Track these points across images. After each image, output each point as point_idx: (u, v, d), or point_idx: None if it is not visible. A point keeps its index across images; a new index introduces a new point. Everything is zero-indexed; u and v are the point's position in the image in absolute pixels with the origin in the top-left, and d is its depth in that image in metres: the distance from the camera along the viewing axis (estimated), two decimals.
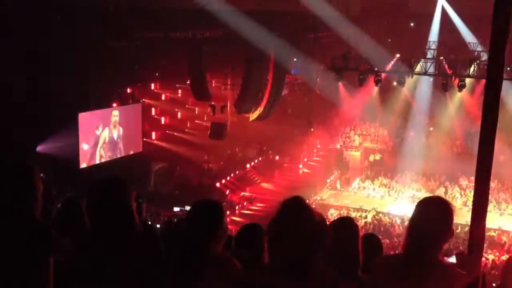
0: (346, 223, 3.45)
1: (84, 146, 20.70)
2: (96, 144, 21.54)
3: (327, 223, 2.40)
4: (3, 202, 2.74)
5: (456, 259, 3.37)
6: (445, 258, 2.86)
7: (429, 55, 22.97)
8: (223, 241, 3.04)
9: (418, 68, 23.00)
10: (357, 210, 24.64)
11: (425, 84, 25.59)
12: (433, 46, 23.38)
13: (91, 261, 2.83)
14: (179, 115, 28.80)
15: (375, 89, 28.36)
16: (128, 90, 23.95)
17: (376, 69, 23.75)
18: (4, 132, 14.76)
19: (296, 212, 2.29)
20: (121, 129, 22.75)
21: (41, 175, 3.01)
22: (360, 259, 3.32)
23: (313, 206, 2.39)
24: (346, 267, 3.00)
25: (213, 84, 27.19)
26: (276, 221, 2.31)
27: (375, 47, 25.15)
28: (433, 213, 2.60)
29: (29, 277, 2.66)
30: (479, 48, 23.02)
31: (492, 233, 21.31)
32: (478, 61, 21.69)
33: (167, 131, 27.77)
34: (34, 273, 2.68)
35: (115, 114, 22.34)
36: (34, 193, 2.84)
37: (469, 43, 23.90)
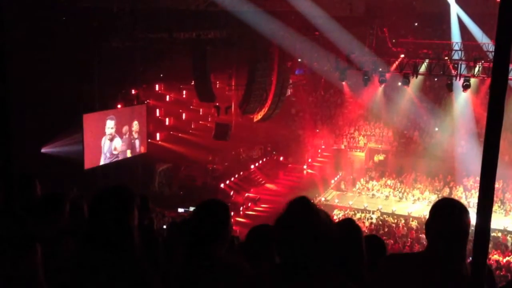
0: (346, 224, 3.44)
1: (89, 147, 20.72)
2: (100, 145, 21.58)
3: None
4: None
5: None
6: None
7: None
8: (227, 244, 2.97)
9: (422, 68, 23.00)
10: (362, 211, 24.61)
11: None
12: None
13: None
14: (183, 116, 28.86)
15: (380, 89, 28.36)
16: (133, 91, 23.99)
17: (380, 69, 23.73)
18: (8, 133, 14.77)
19: (302, 214, 2.24)
20: (119, 139, 22.35)
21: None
22: (365, 260, 3.30)
23: (318, 206, 2.33)
24: (350, 269, 2.99)
25: (217, 85, 27.24)
26: (282, 224, 2.28)
27: (379, 47, 25.15)
28: (453, 215, 2.58)
29: (16, 267, 2.66)
30: (484, 48, 23.01)
31: (497, 234, 21.24)
32: (483, 61, 21.65)
33: (171, 132, 27.82)
34: (20, 264, 2.68)
35: (109, 126, 21.65)
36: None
37: (483, 44, 23.86)
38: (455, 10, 26.41)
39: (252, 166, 29.04)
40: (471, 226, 2.53)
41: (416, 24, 30.51)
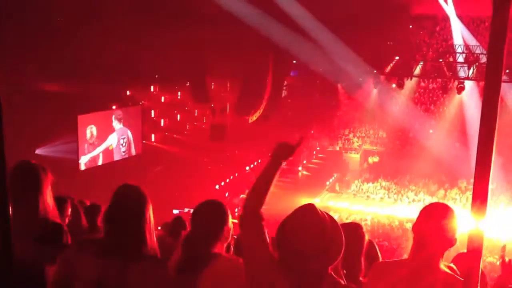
0: (352, 229, 3.46)
1: (84, 148, 20.68)
2: (95, 146, 21.53)
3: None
4: (14, 202, 2.76)
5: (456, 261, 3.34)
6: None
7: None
8: (226, 242, 3.07)
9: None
10: (357, 212, 24.63)
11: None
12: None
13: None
14: (178, 117, 28.82)
15: (374, 91, 28.43)
16: (128, 92, 23.95)
17: (375, 71, 23.80)
18: (0, 135, 14.66)
19: (309, 220, 2.25)
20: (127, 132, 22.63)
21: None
22: (363, 264, 3.32)
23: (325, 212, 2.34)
24: (348, 272, 3.00)
25: (213, 86, 27.23)
26: (284, 233, 2.29)
27: (374, 49, 25.21)
28: (438, 221, 2.58)
29: (43, 272, 2.68)
30: (478, 51, 23.11)
31: (491, 236, 21.30)
32: (477, 64, 21.76)
33: (166, 133, 27.78)
34: (47, 269, 2.70)
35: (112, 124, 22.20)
36: (41, 194, 2.87)
37: (470, 45, 23.97)
38: (452, 13, 26.53)
39: (247, 168, 29.01)
40: (457, 230, 2.56)
41: (410, 26, 30.62)
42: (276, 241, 2.33)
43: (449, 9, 26.35)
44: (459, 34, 26.30)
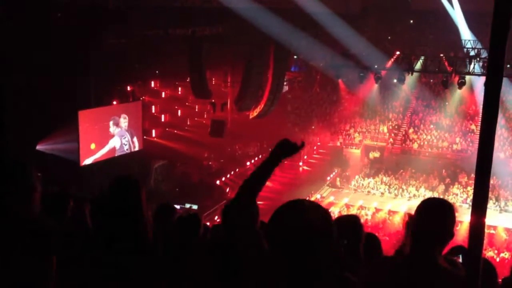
0: (350, 220, 3.46)
1: (84, 144, 20.68)
2: (97, 142, 21.53)
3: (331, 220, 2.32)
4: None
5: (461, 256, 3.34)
6: (455, 258, 2.81)
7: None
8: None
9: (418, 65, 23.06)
10: (357, 207, 24.66)
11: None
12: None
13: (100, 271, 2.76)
14: (179, 112, 28.82)
15: (375, 86, 28.41)
16: (128, 88, 23.94)
17: (376, 66, 23.77)
18: (4, 130, 14.73)
19: (291, 217, 2.19)
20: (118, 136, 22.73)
21: (39, 174, 2.95)
22: (361, 255, 3.33)
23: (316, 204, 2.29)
24: (348, 261, 3.00)
25: (213, 81, 27.21)
26: (269, 232, 2.24)
27: (375, 44, 25.18)
28: (435, 216, 2.57)
29: (28, 276, 2.63)
30: (479, 45, 23.08)
31: (492, 231, 21.34)
32: (478, 59, 21.72)
33: (167, 129, 27.79)
34: (33, 272, 2.65)
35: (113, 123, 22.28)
36: (29, 192, 2.77)
37: (469, 40, 23.93)
38: (453, 8, 26.47)
39: (248, 163, 29.03)
40: (454, 225, 2.55)
41: (411, 21, 30.59)
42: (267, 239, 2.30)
43: (451, 4, 26.30)
44: (461, 28, 26.27)
